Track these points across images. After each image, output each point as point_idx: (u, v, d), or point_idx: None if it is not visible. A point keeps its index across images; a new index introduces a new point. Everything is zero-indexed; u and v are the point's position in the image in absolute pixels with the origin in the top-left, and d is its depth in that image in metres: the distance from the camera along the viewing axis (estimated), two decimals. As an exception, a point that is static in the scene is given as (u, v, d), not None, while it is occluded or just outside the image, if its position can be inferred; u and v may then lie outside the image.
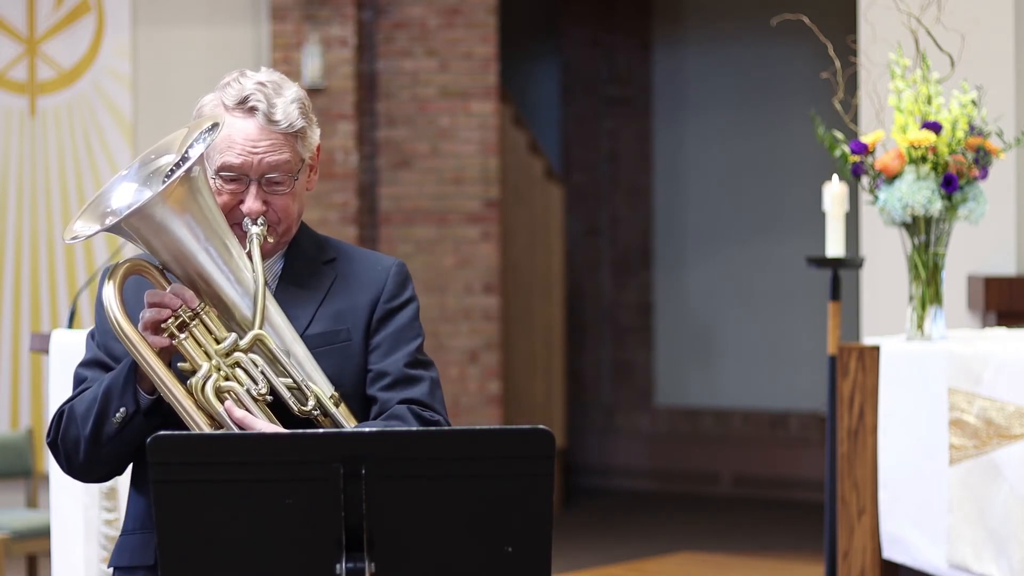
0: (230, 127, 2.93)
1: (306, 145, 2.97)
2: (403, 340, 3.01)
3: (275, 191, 2.94)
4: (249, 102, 2.93)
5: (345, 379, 2.96)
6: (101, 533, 5.05)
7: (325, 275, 3.02)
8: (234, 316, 2.90)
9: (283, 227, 2.98)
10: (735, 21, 10.25)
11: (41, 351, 5.40)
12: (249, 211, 2.93)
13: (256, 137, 2.93)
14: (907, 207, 4.84)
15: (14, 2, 8.26)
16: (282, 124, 2.93)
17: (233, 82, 2.98)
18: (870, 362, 4.90)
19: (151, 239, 2.85)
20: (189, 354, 2.85)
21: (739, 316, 10.31)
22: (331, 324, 2.98)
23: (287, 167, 2.94)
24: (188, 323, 2.85)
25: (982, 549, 4.57)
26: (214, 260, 2.87)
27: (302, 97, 2.98)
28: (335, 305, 3.00)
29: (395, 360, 2.99)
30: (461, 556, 2.60)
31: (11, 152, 8.24)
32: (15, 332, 8.20)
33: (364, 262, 3.06)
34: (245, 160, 2.92)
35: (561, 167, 10.49)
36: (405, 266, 3.09)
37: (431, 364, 3.04)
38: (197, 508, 2.58)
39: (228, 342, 2.86)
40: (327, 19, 8.25)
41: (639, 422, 10.57)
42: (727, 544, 8.51)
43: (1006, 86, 6.18)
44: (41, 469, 7.01)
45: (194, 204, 2.84)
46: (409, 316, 3.03)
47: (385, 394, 2.98)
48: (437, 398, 3.01)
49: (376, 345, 3.00)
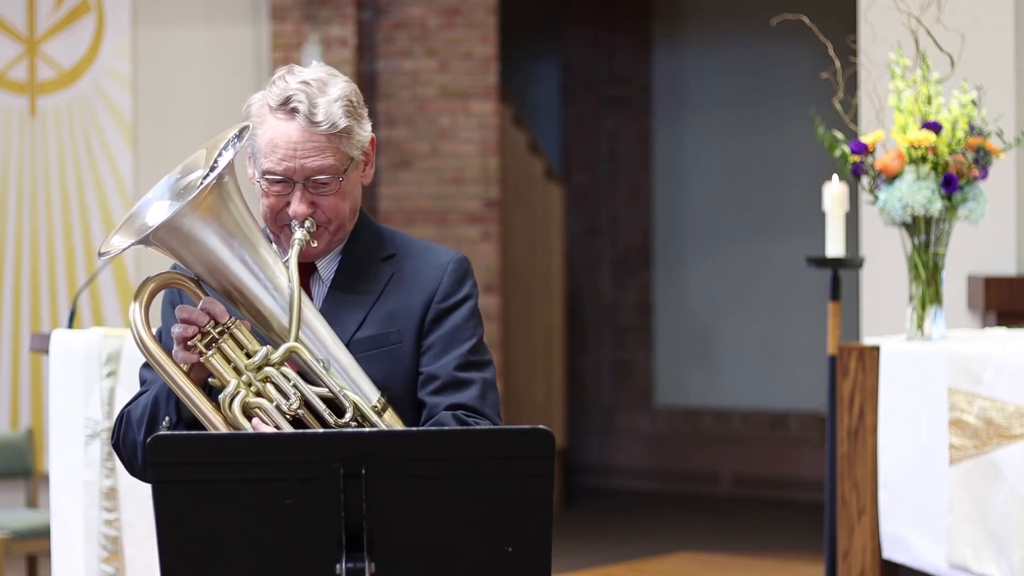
0: (273, 129, 2.88)
1: (353, 143, 2.91)
2: (456, 341, 2.94)
3: (321, 192, 2.89)
4: (291, 103, 2.87)
5: (396, 382, 2.91)
6: (101, 533, 5.05)
7: (382, 273, 2.97)
8: (272, 326, 2.85)
9: (334, 226, 2.92)
10: (735, 21, 10.24)
11: (41, 351, 5.40)
12: (294, 214, 2.88)
13: (297, 140, 2.87)
14: (907, 207, 4.84)
15: (14, 2, 8.25)
16: (323, 126, 2.87)
17: (279, 80, 2.91)
18: (870, 362, 4.90)
19: (182, 252, 2.82)
20: (217, 370, 2.81)
21: (739, 316, 10.31)
22: (382, 326, 2.93)
23: (332, 168, 2.88)
24: (217, 339, 2.81)
25: (982, 549, 4.57)
26: (250, 269, 2.83)
27: (348, 94, 2.92)
28: (388, 305, 2.94)
29: (445, 363, 2.92)
30: (461, 556, 2.60)
31: (11, 152, 8.24)
32: (15, 332, 8.20)
33: (422, 259, 2.99)
34: (288, 164, 2.87)
35: (561, 167, 10.49)
36: (465, 261, 3.01)
37: (485, 364, 2.96)
38: (197, 508, 2.58)
39: (258, 357, 2.81)
40: (327, 19, 8.25)
41: (639, 422, 10.57)
42: (727, 544, 8.51)
43: (1006, 86, 6.18)
44: (41, 469, 7.01)
45: (225, 213, 2.80)
46: (463, 316, 2.96)
47: (433, 399, 2.92)
48: (488, 401, 2.93)
49: (428, 347, 2.94)
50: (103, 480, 5.05)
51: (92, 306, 8.17)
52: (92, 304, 8.17)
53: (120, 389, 5.06)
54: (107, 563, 5.05)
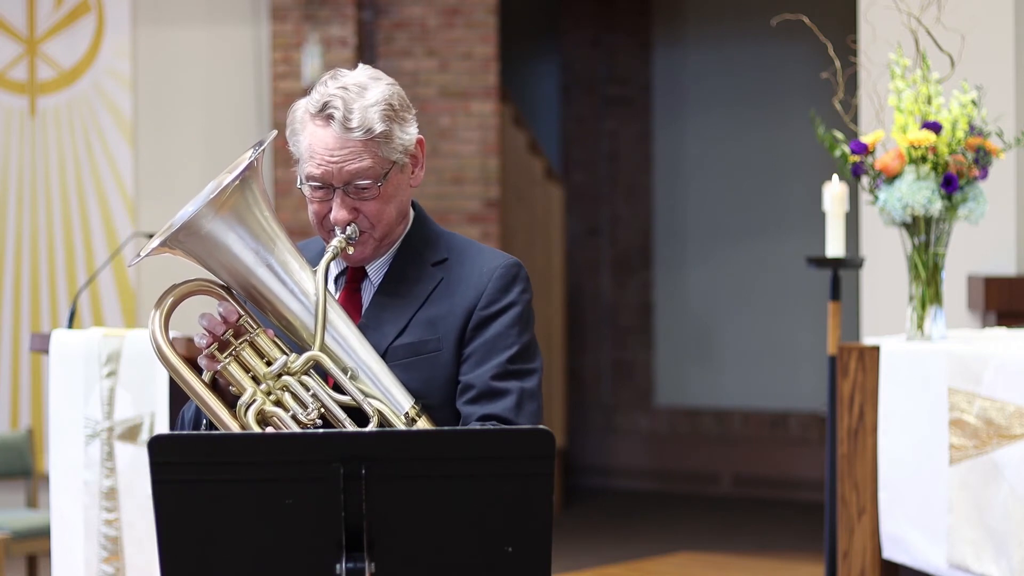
0: (312, 135, 2.88)
1: (392, 147, 2.88)
2: (495, 350, 2.89)
3: (362, 196, 2.88)
4: (327, 109, 2.87)
5: (434, 391, 2.89)
6: (101, 533, 5.05)
7: (430, 278, 2.94)
8: (300, 333, 2.85)
9: (379, 231, 2.91)
10: (735, 21, 10.24)
11: (41, 351, 5.40)
12: (335, 220, 2.88)
13: (333, 146, 2.86)
14: (907, 207, 4.84)
15: (14, 2, 8.25)
16: (358, 132, 2.85)
17: (320, 85, 2.91)
18: (870, 362, 4.90)
19: (206, 258, 2.82)
20: (234, 378, 2.82)
21: (739, 316, 10.31)
22: (423, 333, 2.90)
23: (370, 172, 2.87)
24: (234, 347, 2.81)
25: (982, 549, 4.57)
26: (276, 275, 2.84)
27: (387, 97, 2.89)
28: (432, 312, 2.91)
29: (482, 372, 2.88)
30: (461, 556, 2.60)
31: (11, 152, 8.24)
32: (15, 332, 8.20)
33: (473, 263, 2.95)
34: (325, 170, 2.87)
35: (561, 167, 10.49)
36: (515, 267, 2.95)
37: (527, 373, 2.90)
38: (197, 508, 2.58)
39: (277, 366, 2.82)
40: (327, 19, 8.25)
41: (639, 422, 10.57)
42: (727, 544, 8.51)
43: (1006, 86, 6.18)
44: (41, 469, 7.01)
45: (249, 217, 2.81)
46: (505, 324, 2.90)
47: (468, 408, 2.88)
48: (524, 412, 2.88)
49: (468, 355, 2.90)
50: (103, 480, 5.05)
51: (92, 306, 8.17)
52: (92, 304, 8.17)
53: (120, 389, 5.06)
54: (107, 563, 5.05)
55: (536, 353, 2.94)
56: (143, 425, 5.05)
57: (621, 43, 10.58)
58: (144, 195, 8.14)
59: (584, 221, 10.61)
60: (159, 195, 8.11)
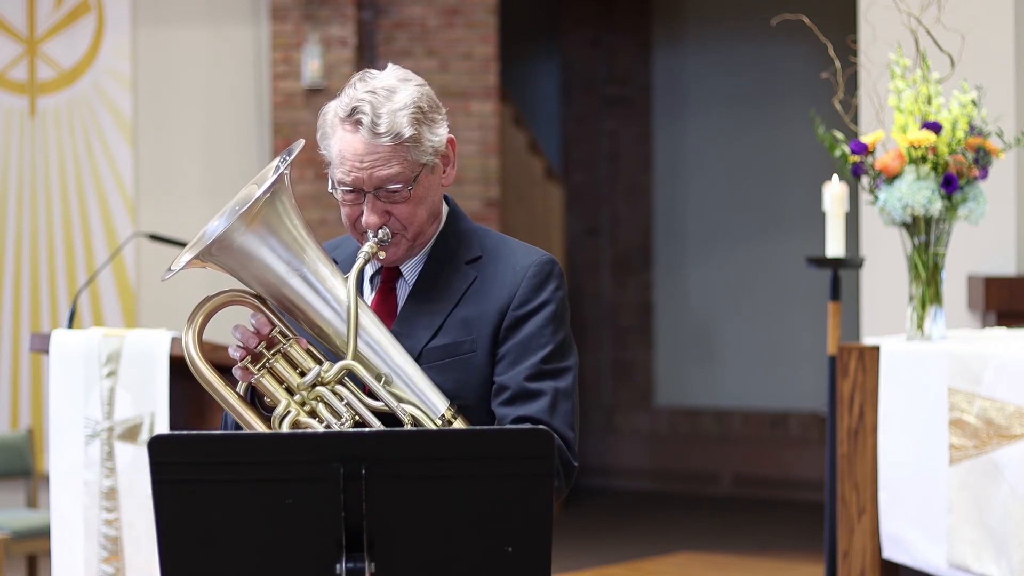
0: (341, 141, 2.88)
1: (422, 150, 2.87)
2: (530, 350, 2.88)
3: (394, 200, 2.87)
4: (355, 115, 2.87)
5: (469, 392, 2.88)
6: (101, 533, 5.05)
7: (464, 277, 2.93)
8: (334, 341, 2.85)
9: (412, 232, 2.91)
10: (735, 21, 10.25)
11: (41, 351, 5.40)
12: (367, 224, 2.88)
13: (362, 152, 2.86)
14: (907, 207, 4.84)
15: (14, 2, 8.26)
16: (386, 138, 2.85)
17: (350, 88, 2.92)
18: (870, 362, 4.90)
19: (239, 271, 2.83)
20: (268, 390, 2.84)
21: (739, 316, 10.31)
22: (458, 334, 2.89)
23: (400, 177, 2.86)
24: (268, 359, 2.82)
25: (982, 549, 4.57)
26: (310, 284, 2.84)
27: (416, 99, 2.90)
28: (466, 312, 2.90)
29: (516, 373, 2.87)
30: (461, 556, 2.60)
31: (11, 152, 8.24)
32: (15, 332, 8.20)
33: (506, 262, 2.95)
34: (355, 176, 2.86)
35: (561, 167, 10.49)
36: (549, 264, 2.96)
37: (561, 372, 2.89)
38: (198, 508, 2.58)
39: (310, 376, 2.82)
40: (327, 19, 8.25)
41: (639, 422, 10.57)
42: (727, 544, 8.51)
43: (1006, 86, 6.18)
44: (41, 469, 7.01)
45: (280, 227, 2.82)
46: (539, 323, 2.89)
47: (502, 410, 2.87)
48: (559, 412, 2.86)
49: (503, 356, 2.89)
50: (103, 480, 5.05)
51: (92, 306, 8.17)
52: (92, 304, 8.17)
53: (120, 389, 5.06)
54: (107, 563, 5.05)
55: (570, 350, 2.93)
56: (143, 425, 5.05)
57: (621, 43, 10.58)
58: (144, 195, 8.14)
59: (584, 221, 10.61)
60: (159, 195, 8.11)
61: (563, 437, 2.86)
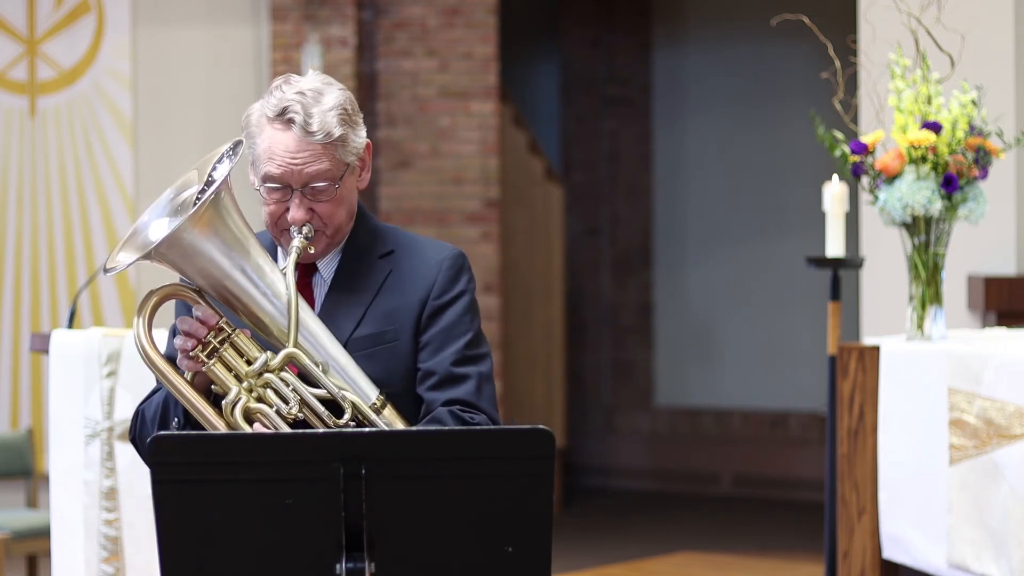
0: (271, 139, 2.98)
1: (348, 150, 3.00)
2: (452, 337, 3.02)
3: (319, 198, 2.99)
4: (287, 114, 2.97)
5: (396, 379, 3.00)
6: (101, 533, 5.05)
7: (379, 271, 3.05)
8: (272, 332, 2.94)
9: (331, 230, 3.02)
10: (735, 21, 10.25)
11: (41, 351, 5.40)
12: (293, 220, 2.98)
13: (294, 149, 2.96)
14: (907, 207, 4.84)
15: (14, 2, 8.25)
16: (318, 136, 2.96)
17: (276, 90, 3.01)
18: (870, 362, 4.90)
19: (184, 266, 2.90)
20: (219, 379, 2.90)
21: (739, 316, 10.31)
22: (380, 324, 3.01)
23: (328, 175, 2.98)
24: (217, 348, 2.89)
25: (982, 549, 4.57)
26: (249, 278, 2.92)
27: (343, 102, 3.00)
28: (386, 303, 3.03)
29: (442, 359, 3.00)
30: (461, 556, 2.60)
31: (11, 152, 8.24)
32: (15, 332, 8.20)
33: (419, 255, 3.07)
34: (285, 171, 2.97)
35: (561, 167, 10.49)
36: (460, 257, 3.09)
37: (481, 357, 3.04)
38: (197, 508, 2.58)
39: (258, 364, 2.90)
40: (327, 19, 8.25)
41: (639, 422, 10.57)
42: (727, 544, 8.51)
43: (1006, 86, 6.18)
44: (41, 469, 7.01)
45: (223, 226, 2.89)
46: (459, 311, 3.03)
47: (431, 394, 3.00)
48: (484, 395, 3.01)
49: (426, 343, 3.02)
50: (103, 480, 5.05)
51: (92, 306, 8.17)
52: (92, 304, 8.17)
53: (120, 389, 5.06)
54: (107, 563, 5.05)
55: (484, 338, 3.09)
56: (143, 425, 5.04)
57: (621, 43, 10.58)
58: (144, 195, 8.14)
59: (584, 221, 10.61)
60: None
61: (490, 417, 3.00)
